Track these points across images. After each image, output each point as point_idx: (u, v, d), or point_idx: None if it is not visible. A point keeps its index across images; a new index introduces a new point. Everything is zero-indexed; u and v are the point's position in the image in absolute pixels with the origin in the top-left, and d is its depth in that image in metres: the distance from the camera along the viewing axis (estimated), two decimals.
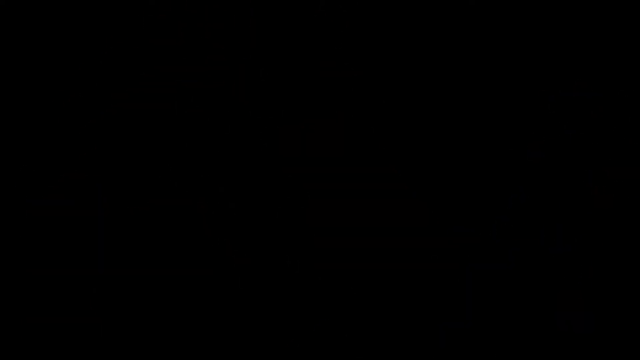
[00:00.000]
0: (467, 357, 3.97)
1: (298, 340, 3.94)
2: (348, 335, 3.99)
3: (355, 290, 4.15)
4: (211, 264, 4.06)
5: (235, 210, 3.70)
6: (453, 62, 4.82)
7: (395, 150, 4.53)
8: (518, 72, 4.80)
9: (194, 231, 4.22)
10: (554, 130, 4.68)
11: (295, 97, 3.61)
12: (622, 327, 4.12)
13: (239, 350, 3.86)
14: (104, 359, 4.04)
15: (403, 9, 4.85)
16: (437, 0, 4.87)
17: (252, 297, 3.93)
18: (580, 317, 4.13)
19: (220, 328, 3.93)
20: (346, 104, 4.54)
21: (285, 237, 4.11)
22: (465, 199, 4.47)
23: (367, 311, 4.10)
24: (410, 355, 3.96)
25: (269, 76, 4.33)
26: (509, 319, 4.13)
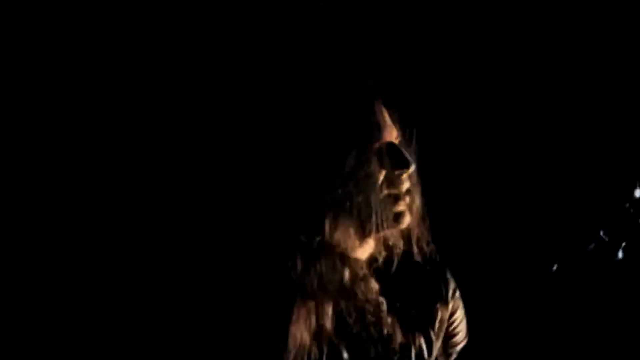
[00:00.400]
0: (467, 357, 3.96)
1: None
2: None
3: None
4: (211, 264, 4.06)
5: (235, 210, 3.69)
6: (453, 62, 4.82)
7: None
8: (518, 72, 4.80)
9: (194, 231, 4.22)
10: (554, 130, 4.68)
11: (295, 97, 3.60)
12: (622, 327, 4.12)
13: (239, 350, 3.86)
14: (104, 359, 4.04)
15: (403, 9, 4.85)
16: (437, 0, 4.86)
17: (252, 297, 3.93)
18: (580, 317, 4.13)
19: (220, 328, 3.93)
20: (346, 104, 4.53)
21: (285, 237, 4.10)
22: (465, 199, 4.47)
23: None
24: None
25: (269, 76, 4.33)
26: (509, 319, 4.13)
